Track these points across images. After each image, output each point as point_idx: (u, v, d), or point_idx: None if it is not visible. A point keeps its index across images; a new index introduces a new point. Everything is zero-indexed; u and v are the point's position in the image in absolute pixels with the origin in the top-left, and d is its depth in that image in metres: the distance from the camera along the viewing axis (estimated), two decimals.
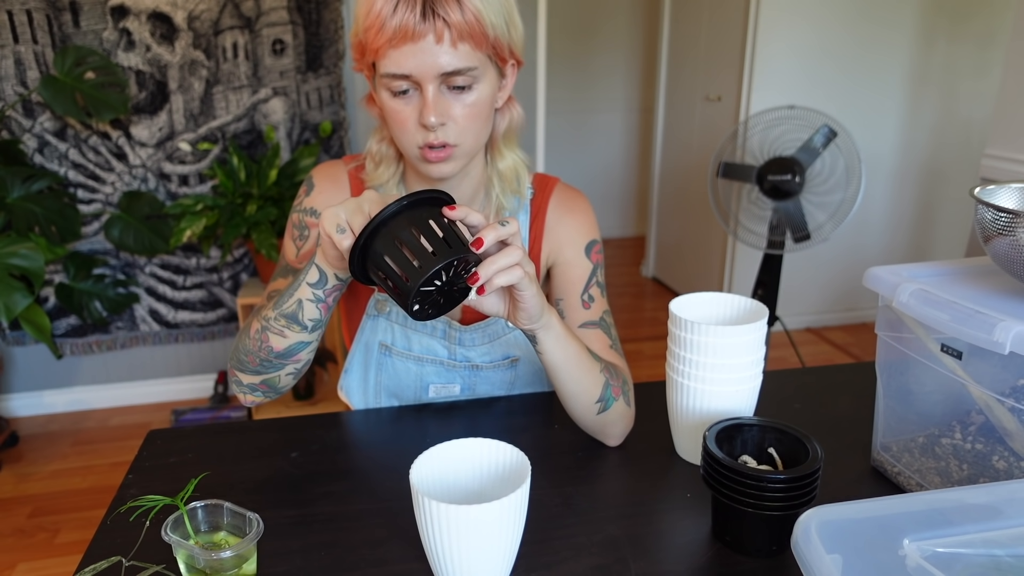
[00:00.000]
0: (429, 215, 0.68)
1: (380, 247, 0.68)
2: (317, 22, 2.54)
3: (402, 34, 0.76)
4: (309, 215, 0.97)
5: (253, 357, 0.85)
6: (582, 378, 0.84)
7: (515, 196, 0.98)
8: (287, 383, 0.89)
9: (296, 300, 0.79)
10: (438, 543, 0.62)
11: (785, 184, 2.43)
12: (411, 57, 0.77)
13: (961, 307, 0.71)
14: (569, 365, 0.83)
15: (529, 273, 0.73)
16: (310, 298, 0.79)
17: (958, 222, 3.49)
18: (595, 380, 0.86)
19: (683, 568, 0.71)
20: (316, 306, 0.79)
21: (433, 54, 0.77)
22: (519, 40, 0.86)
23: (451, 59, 0.78)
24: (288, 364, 0.86)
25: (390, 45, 0.77)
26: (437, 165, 0.85)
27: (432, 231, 0.67)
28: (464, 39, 0.77)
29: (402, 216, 0.68)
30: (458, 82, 0.80)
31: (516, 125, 0.95)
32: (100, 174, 2.51)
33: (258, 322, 0.83)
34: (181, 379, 2.82)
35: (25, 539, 2.03)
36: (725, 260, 3.41)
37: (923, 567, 0.49)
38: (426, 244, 0.67)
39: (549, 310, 0.79)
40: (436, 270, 0.65)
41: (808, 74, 3.11)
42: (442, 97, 0.81)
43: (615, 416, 0.89)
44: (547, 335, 0.80)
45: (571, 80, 4.64)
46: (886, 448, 0.86)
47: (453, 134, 0.83)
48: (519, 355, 1.04)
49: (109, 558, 0.71)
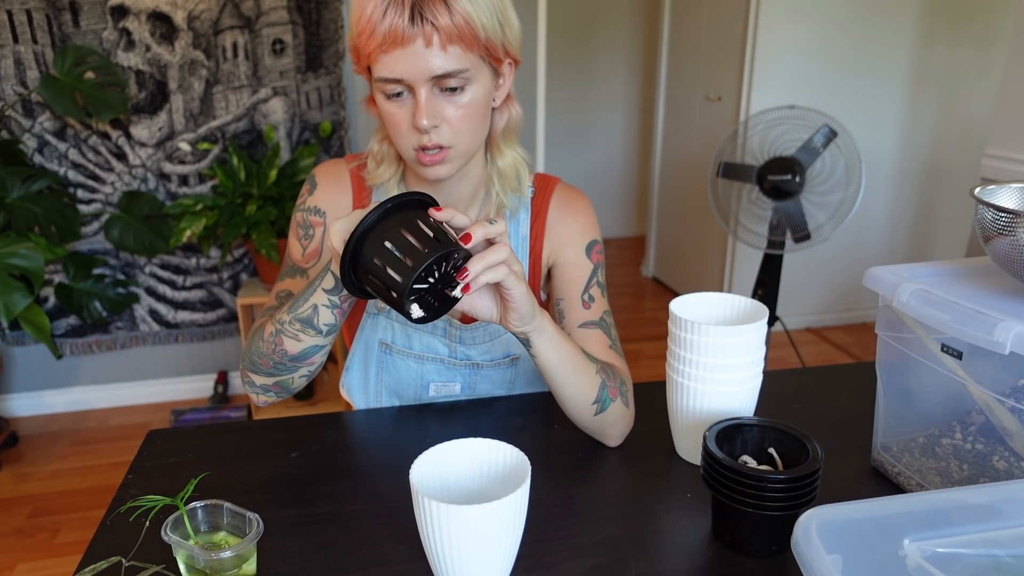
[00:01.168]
0: (416, 216, 0.69)
1: (369, 251, 0.68)
2: (317, 22, 2.54)
3: (392, 39, 0.76)
4: (313, 214, 0.97)
5: (267, 359, 0.85)
6: (577, 380, 0.85)
7: (516, 195, 0.98)
8: (300, 384, 0.90)
9: (311, 305, 0.79)
10: (438, 543, 0.62)
11: (785, 184, 2.43)
12: (402, 61, 0.78)
13: (961, 307, 0.71)
14: (563, 367, 0.83)
15: (516, 271, 0.73)
16: (325, 304, 0.78)
17: (958, 222, 3.49)
18: (591, 381, 0.86)
19: (683, 568, 0.71)
20: (332, 311, 0.79)
21: (423, 57, 0.77)
22: (515, 39, 0.85)
23: (441, 62, 0.78)
24: (302, 367, 0.86)
25: (381, 50, 0.78)
26: (432, 168, 0.85)
27: (421, 231, 0.67)
28: (454, 42, 0.78)
29: (388, 220, 0.68)
30: (450, 84, 0.80)
31: (515, 123, 0.95)
32: (100, 174, 2.51)
33: (272, 325, 0.83)
34: (181, 379, 2.82)
35: (25, 539, 2.03)
36: (725, 260, 3.41)
37: (923, 567, 0.49)
38: (416, 243, 0.67)
39: (541, 313, 0.79)
40: (428, 264, 0.65)
41: (808, 74, 3.11)
42: (435, 99, 0.81)
43: (613, 417, 0.89)
44: (540, 338, 0.80)
45: (571, 80, 4.64)
46: (886, 448, 0.86)
47: (447, 136, 0.83)
48: (519, 353, 1.04)
49: (109, 558, 0.70)
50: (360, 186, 0.99)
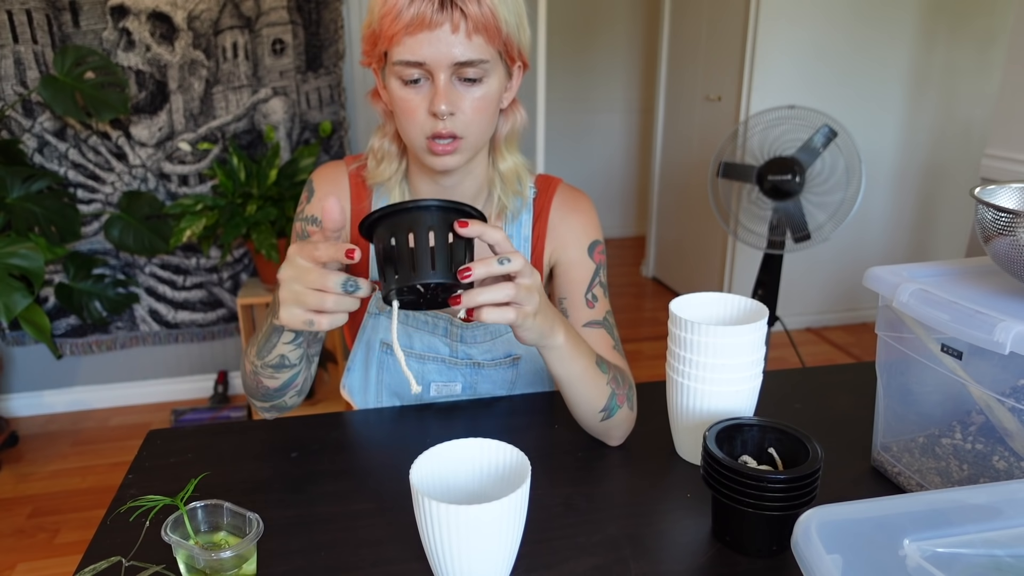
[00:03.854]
0: (449, 223, 0.67)
1: (389, 229, 0.67)
2: (317, 22, 2.54)
3: (419, 22, 0.78)
4: (310, 223, 0.98)
5: (255, 392, 0.90)
6: (587, 392, 0.86)
7: (517, 197, 0.99)
8: (295, 403, 0.93)
9: (277, 355, 0.83)
10: (438, 543, 0.62)
11: (785, 184, 2.43)
12: (427, 45, 0.79)
13: (961, 307, 0.71)
14: (574, 380, 0.84)
15: (527, 311, 0.72)
16: (290, 349, 0.82)
17: (958, 222, 3.49)
18: (601, 392, 0.87)
19: (683, 568, 0.71)
20: (299, 350, 0.83)
21: (448, 43, 0.79)
22: (527, 43, 0.88)
23: (465, 50, 0.79)
24: (288, 391, 0.89)
25: (406, 32, 0.78)
26: (442, 157, 0.86)
27: (443, 242, 0.66)
28: (479, 31, 0.79)
29: (432, 212, 0.67)
30: (469, 74, 0.81)
31: (519, 128, 0.97)
32: (100, 174, 2.51)
33: (250, 365, 0.86)
34: (181, 379, 2.82)
35: (25, 539, 2.03)
36: (725, 260, 3.41)
37: (923, 567, 0.49)
38: (430, 253, 0.66)
39: (556, 329, 0.78)
40: (413, 285, 0.66)
41: (808, 74, 3.11)
42: (453, 88, 0.82)
43: (618, 421, 0.90)
44: (551, 354, 0.80)
45: (571, 80, 4.64)
46: (886, 448, 0.86)
47: (461, 125, 0.84)
48: (521, 353, 1.04)
49: (109, 558, 0.70)
50: (359, 187, 0.99)
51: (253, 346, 0.85)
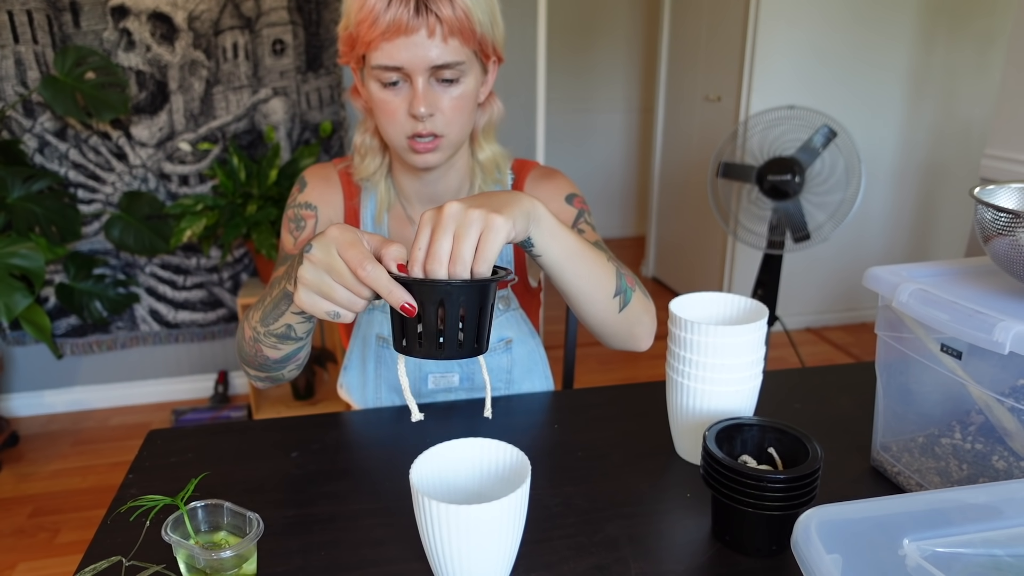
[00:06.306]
0: (480, 297, 0.65)
1: (418, 297, 0.63)
2: (317, 22, 2.54)
3: (396, 27, 0.79)
4: (304, 208, 1.00)
5: (252, 360, 0.86)
6: (591, 271, 0.78)
7: (497, 184, 1.02)
8: (292, 375, 0.90)
9: (284, 324, 0.77)
10: (438, 543, 0.62)
11: (785, 184, 2.43)
12: (404, 50, 0.80)
13: (961, 307, 0.71)
14: (572, 258, 0.76)
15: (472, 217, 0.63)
16: (299, 320, 0.76)
17: (958, 222, 3.49)
18: (606, 270, 0.80)
19: (683, 568, 0.71)
20: (308, 323, 0.77)
21: (425, 47, 0.80)
22: (501, 38, 0.89)
23: (441, 53, 0.81)
24: (288, 364, 0.86)
25: (383, 38, 0.80)
26: (424, 156, 0.88)
27: (473, 318, 0.64)
28: (454, 34, 0.81)
29: (472, 289, 0.64)
30: (446, 75, 0.83)
31: (496, 120, 1.00)
32: (100, 174, 2.51)
33: (250, 331, 0.81)
34: (181, 379, 2.82)
35: (25, 539, 2.03)
36: (725, 260, 3.41)
37: (923, 567, 0.49)
38: (458, 331, 0.64)
39: (531, 203, 0.71)
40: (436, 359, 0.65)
41: (808, 74, 3.11)
42: (431, 89, 0.84)
43: (638, 310, 0.85)
44: (539, 231, 0.72)
45: (571, 80, 4.64)
46: (886, 448, 0.86)
47: (441, 124, 0.86)
48: (512, 336, 1.06)
49: (109, 558, 0.71)
50: (349, 184, 1.03)
51: (257, 310, 0.79)
